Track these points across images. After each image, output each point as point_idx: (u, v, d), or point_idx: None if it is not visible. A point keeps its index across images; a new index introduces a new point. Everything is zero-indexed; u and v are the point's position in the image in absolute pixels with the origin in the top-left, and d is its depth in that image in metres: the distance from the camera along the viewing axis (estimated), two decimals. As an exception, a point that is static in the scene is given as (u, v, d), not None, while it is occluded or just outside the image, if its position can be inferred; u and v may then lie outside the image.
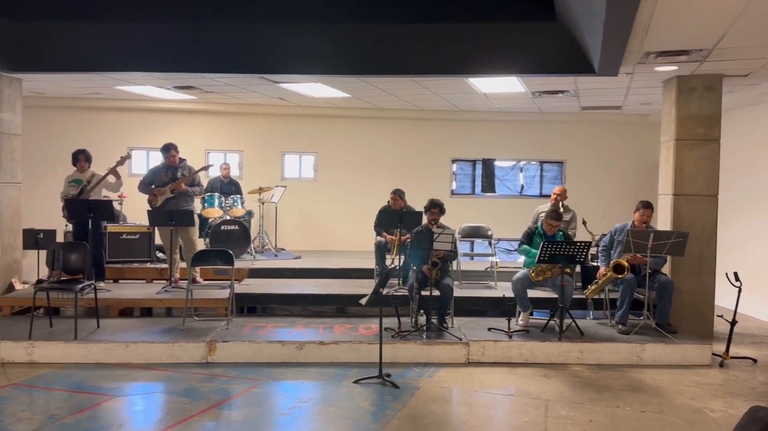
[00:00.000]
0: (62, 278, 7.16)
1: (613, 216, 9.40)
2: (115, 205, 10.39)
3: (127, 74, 8.43)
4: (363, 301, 5.65)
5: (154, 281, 8.88)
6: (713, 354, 6.56)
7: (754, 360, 6.64)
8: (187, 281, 7.41)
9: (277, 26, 6.91)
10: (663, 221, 7.66)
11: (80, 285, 6.83)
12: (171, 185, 8.08)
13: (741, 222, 9.10)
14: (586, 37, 6.00)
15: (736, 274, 6.65)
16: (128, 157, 8.35)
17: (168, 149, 8.27)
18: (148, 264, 9.31)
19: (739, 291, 6.64)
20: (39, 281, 7.67)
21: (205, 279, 8.28)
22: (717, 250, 7.51)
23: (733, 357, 6.56)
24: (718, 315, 7.26)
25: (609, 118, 11.63)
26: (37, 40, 7.41)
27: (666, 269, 7.34)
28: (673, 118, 7.54)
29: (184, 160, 8.42)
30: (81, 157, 8.39)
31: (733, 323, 6.65)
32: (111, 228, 9.36)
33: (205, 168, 8.93)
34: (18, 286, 8.25)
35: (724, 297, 7.57)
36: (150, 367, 6.23)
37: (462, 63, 7.09)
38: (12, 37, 7.36)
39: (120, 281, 9.10)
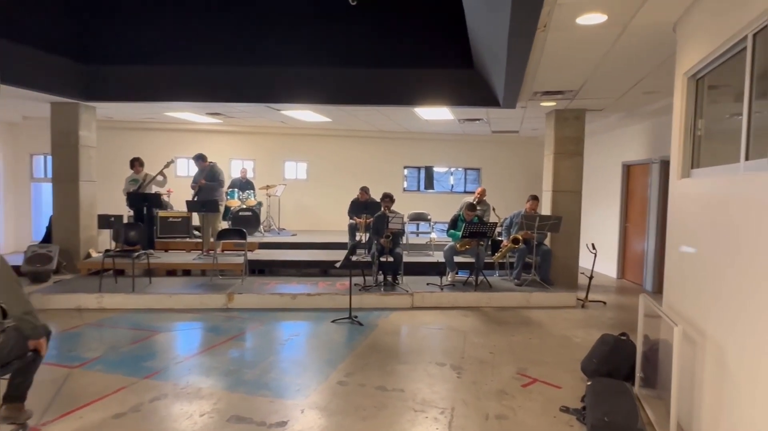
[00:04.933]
0: (124, 248, 6.90)
1: (510, 206, 9.45)
2: (165, 197, 10.08)
3: (171, 103, 8.10)
4: (337, 265, 5.55)
5: (192, 251, 8.62)
6: (577, 299, 6.66)
7: (604, 303, 6.76)
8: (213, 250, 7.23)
9: (278, 69, 6.74)
10: (545, 209, 7.72)
11: (136, 254, 6.60)
12: (198, 183, 7.94)
13: (595, 209, 9.25)
14: (494, 80, 5.96)
15: (593, 245, 6.75)
16: (172, 161, 8.06)
17: (196, 159, 8.10)
18: (187, 239, 9.03)
19: (595, 256, 6.74)
20: (106, 251, 7.36)
21: (228, 250, 8.06)
22: (580, 229, 7.60)
23: (590, 301, 6.67)
24: (581, 273, 7.38)
25: (510, 138, 11.67)
26: (105, 78, 7.12)
27: (547, 241, 7.40)
28: (552, 139, 7.58)
29: (212, 164, 8.16)
30: (136, 163, 8.15)
31: (591, 278, 6.76)
32: (161, 213, 9.05)
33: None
34: (94, 254, 7.92)
35: (584, 261, 7.71)
36: (186, 311, 6.04)
37: (409, 97, 6.98)
38: (85, 75, 7.04)
39: (169, 251, 8.81)
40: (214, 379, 3.95)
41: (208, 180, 7.89)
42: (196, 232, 9.20)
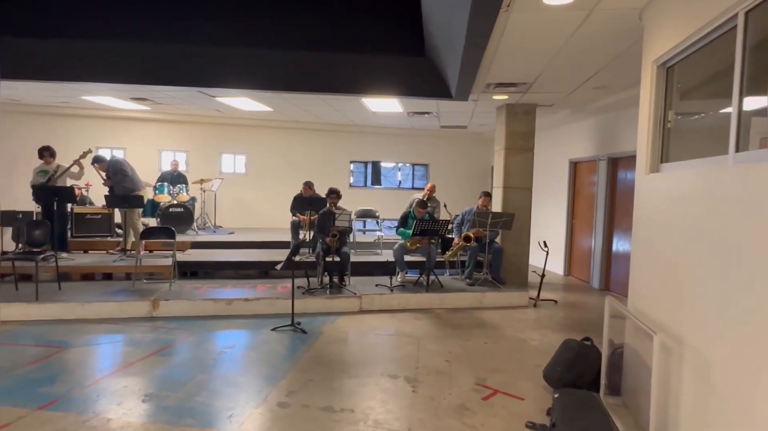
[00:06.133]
0: (28, 250, 5.99)
1: (457, 203, 9.28)
2: (83, 191, 9.07)
3: (87, 85, 7.19)
4: (278, 267, 5.02)
5: (114, 251, 7.73)
6: (530, 298, 6.51)
7: (555, 301, 6.65)
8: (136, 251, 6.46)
9: (211, 49, 6.04)
10: (496, 205, 7.53)
11: (42, 256, 5.73)
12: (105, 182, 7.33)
13: (542, 206, 9.22)
14: (447, 70, 5.63)
15: (544, 242, 6.63)
16: (89, 151, 7.14)
17: (93, 163, 7.33)
18: (109, 239, 8.12)
19: (547, 254, 6.61)
20: (4, 253, 6.38)
21: (157, 250, 7.29)
22: (530, 226, 7.49)
23: (542, 300, 6.54)
24: (532, 271, 7.26)
25: (458, 134, 11.52)
26: (5, 52, 6.08)
27: (497, 239, 7.23)
28: (503, 133, 7.40)
29: (111, 159, 7.38)
30: (46, 153, 7.19)
31: (543, 276, 6.63)
32: (77, 209, 8.11)
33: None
34: (-8, 257, 6.86)
35: (534, 258, 7.63)
36: (102, 322, 5.27)
37: (356, 85, 6.51)
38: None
39: (89, 251, 7.86)
40: (129, 406, 3.33)
41: (111, 176, 7.12)
42: (119, 230, 8.31)
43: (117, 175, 7.12)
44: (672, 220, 2.86)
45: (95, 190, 9.17)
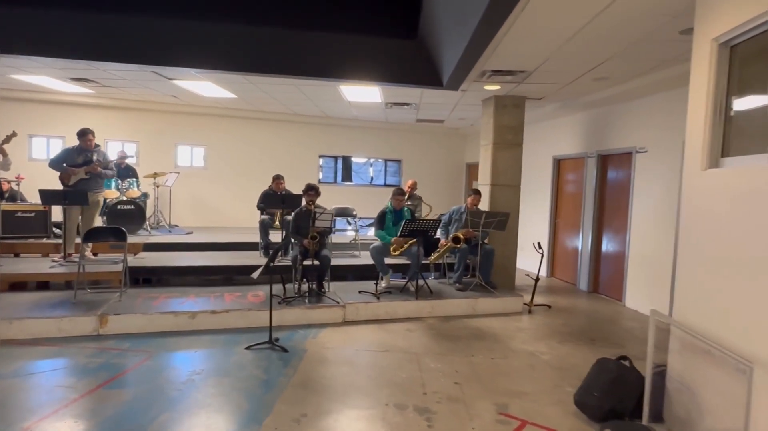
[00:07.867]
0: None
1: (431, 200, 8.78)
2: (13, 185, 7.90)
3: (16, 59, 6.14)
4: (255, 275, 4.29)
5: (51, 255, 6.69)
6: (524, 304, 6.07)
7: (549, 306, 6.25)
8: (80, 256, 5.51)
9: (168, 21, 5.18)
10: (483, 204, 7.05)
11: (-43, 264, 4.72)
12: (86, 167, 6.05)
13: (526, 204, 8.82)
14: (444, 54, 5.07)
15: (539, 244, 6.22)
16: (13, 135, 6.08)
17: (85, 134, 6.17)
18: (44, 240, 7.05)
19: (542, 257, 6.20)
20: None
21: (101, 254, 6.33)
22: (518, 226, 7.07)
23: (535, 305, 6.13)
24: (525, 275, 6.85)
25: (433, 129, 11.03)
26: None
27: (486, 240, 6.76)
28: (491, 127, 6.94)
29: (99, 145, 6.39)
30: (-37, 139, 6.05)
31: (537, 280, 6.21)
32: (4, 206, 6.99)
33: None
34: None
35: (521, 261, 7.25)
36: (36, 343, 4.36)
37: (335, 68, 5.81)
38: None
39: (21, 256, 6.78)
40: (69, 464, 2.56)
41: (102, 167, 6.11)
42: (57, 230, 7.24)
43: (107, 169, 6.16)
44: (750, 223, 2.41)
45: (28, 183, 8.03)
